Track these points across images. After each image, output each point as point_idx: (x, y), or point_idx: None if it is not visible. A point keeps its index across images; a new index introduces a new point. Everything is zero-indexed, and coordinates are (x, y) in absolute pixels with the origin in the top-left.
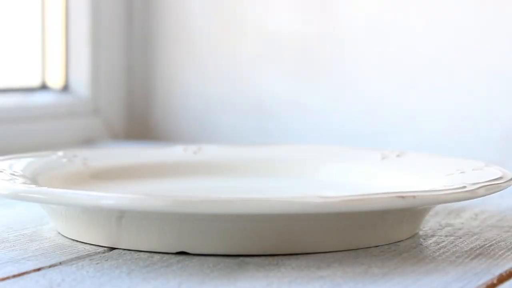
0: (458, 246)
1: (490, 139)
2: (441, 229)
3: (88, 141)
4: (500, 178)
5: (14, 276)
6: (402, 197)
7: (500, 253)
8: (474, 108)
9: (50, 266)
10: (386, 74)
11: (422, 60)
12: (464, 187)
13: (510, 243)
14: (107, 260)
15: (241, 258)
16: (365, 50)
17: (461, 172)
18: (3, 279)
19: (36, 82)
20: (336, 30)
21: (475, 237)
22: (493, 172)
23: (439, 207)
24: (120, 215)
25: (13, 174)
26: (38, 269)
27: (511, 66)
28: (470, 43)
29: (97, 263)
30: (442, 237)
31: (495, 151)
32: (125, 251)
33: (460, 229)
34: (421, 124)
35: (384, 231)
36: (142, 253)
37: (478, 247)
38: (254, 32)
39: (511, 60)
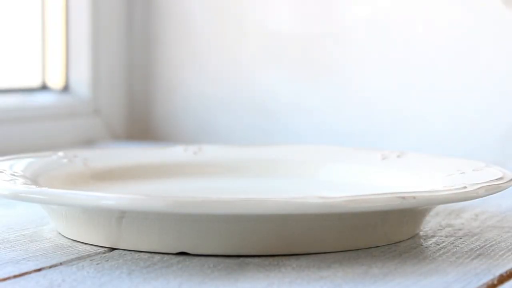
0: (458, 246)
1: (490, 140)
2: (441, 229)
3: (88, 142)
4: (501, 178)
5: (15, 276)
6: (403, 197)
7: (500, 253)
8: (474, 109)
9: (50, 267)
10: (386, 74)
11: (422, 60)
12: (465, 187)
13: (511, 243)
14: (107, 260)
15: (241, 259)
16: (365, 50)
17: (461, 173)
18: (4, 279)
19: (36, 82)
20: (336, 30)
21: (475, 237)
22: (493, 173)
23: (439, 207)
24: (121, 216)
25: (14, 175)
26: (39, 270)
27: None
28: (470, 43)
29: (98, 264)
30: (442, 238)
31: (495, 151)
32: (126, 252)
33: (460, 229)
34: (421, 124)
35: (385, 231)
36: (142, 253)
37: (479, 247)
38: (254, 32)
39: None
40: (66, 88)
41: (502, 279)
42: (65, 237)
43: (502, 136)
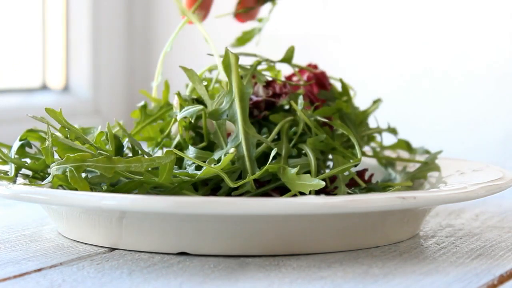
0: (458, 246)
1: (490, 140)
2: (441, 229)
3: None
4: (501, 178)
5: (15, 276)
6: (403, 197)
7: (500, 253)
8: (474, 109)
9: (51, 267)
10: (386, 75)
11: (422, 61)
12: (465, 187)
13: (511, 243)
14: (108, 260)
15: (242, 259)
16: (366, 51)
17: (461, 173)
18: (4, 279)
19: (36, 82)
20: (337, 31)
21: (475, 237)
22: (493, 173)
23: (439, 207)
24: (121, 216)
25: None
26: (39, 270)
27: None
28: (471, 44)
29: (98, 264)
30: (442, 238)
31: (495, 152)
32: (126, 252)
33: (460, 229)
34: (421, 125)
35: (385, 231)
36: (143, 253)
37: (479, 247)
38: None
39: None
40: (66, 89)
41: (502, 279)
42: (65, 237)
43: (502, 137)
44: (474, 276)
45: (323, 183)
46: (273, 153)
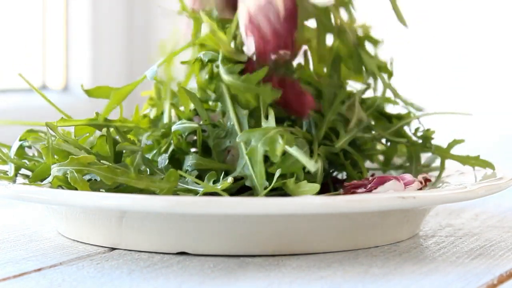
0: (458, 246)
1: (490, 140)
2: (441, 229)
3: None
4: (500, 178)
5: (15, 276)
6: (402, 197)
7: (500, 253)
8: (474, 109)
9: (50, 266)
10: None
11: (420, 59)
12: (465, 187)
13: (511, 243)
14: (107, 260)
15: (241, 258)
16: None
17: (461, 173)
18: (4, 279)
19: (36, 82)
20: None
21: (475, 237)
22: (493, 173)
23: (439, 207)
24: (121, 215)
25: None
26: (39, 269)
27: None
28: (471, 40)
29: (98, 263)
30: (442, 238)
31: (495, 152)
32: (126, 251)
33: (460, 229)
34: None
35: (384, 231)
36: (142, 253)
37: (479, 247)
38: None
39: None
40: (66, 88)
41: (502, 279)
42: (65, 237)
43: (502, 136)
44: (473, 276)
45: (318, 186)
46: (277, 174)
